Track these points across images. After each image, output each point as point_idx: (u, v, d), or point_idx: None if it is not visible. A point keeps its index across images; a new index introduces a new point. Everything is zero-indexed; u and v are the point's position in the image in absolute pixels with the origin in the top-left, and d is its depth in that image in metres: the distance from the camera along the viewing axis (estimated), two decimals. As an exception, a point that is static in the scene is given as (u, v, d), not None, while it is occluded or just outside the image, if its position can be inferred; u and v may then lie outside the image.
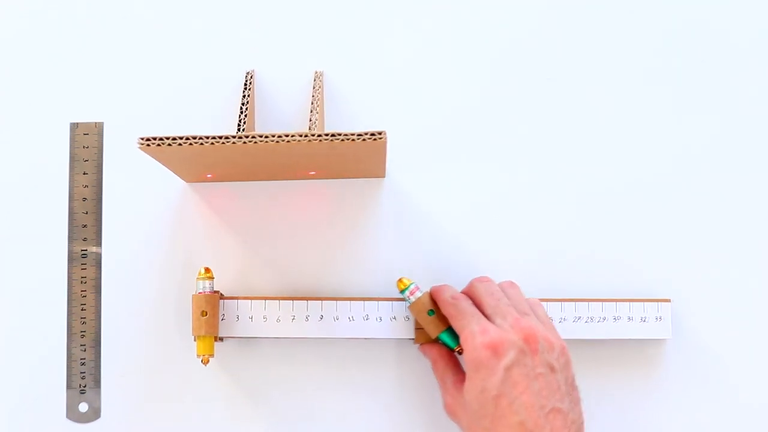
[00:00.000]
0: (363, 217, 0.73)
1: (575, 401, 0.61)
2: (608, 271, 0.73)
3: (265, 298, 0.69)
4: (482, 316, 0.64)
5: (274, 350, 0.72)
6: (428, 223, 0.73)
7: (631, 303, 0.70)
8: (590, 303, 0.70)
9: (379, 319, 0.69)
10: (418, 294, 0.67)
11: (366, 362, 0.72)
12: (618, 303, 0.70)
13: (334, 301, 0.69)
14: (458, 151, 0.74)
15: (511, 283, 0.68)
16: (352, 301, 0.69)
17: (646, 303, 0.70)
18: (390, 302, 0.69)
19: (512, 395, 0.59)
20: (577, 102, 0.74)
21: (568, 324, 0.70)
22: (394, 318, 0.69)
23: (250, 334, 0.69)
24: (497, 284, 0.67)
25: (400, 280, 0.68)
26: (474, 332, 0.62)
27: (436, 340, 0.68)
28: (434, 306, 0.67)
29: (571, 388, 0.62)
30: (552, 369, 0.61)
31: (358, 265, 0.72)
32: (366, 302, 0.69)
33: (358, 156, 0.63)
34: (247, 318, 0.69)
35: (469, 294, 0.67)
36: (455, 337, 0.66)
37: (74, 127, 0.74)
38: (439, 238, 0.73)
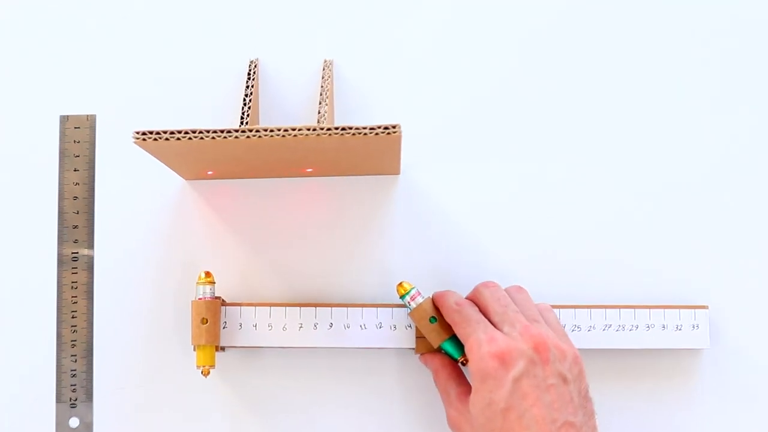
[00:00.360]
0: (376, 218, 0.73)
1: (589, 414, 0.61)
2: (640, 276, 0.72)
3: (270, 305, 0.69)
4: (489, 324, 0.64)
5: (280, 361, 0.71)
6: (446, 224, 0.73)
7: (665, 310, 0.69)
8: (621, 310, 0.69)
9: (393, 327, 0.69)
10: (420, 300, 0.67)
11: (369, 373, 0.72)
12: (651, 310, 0.69)
13: (345, 308, 0.69)
14: (479, 146, 0.74)
15: (519, 288, 0.68)
16: (364, 308, 0.69)
17: (681, 310, 0.69)
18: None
19: (522, 408, 0.58)
20: (608, 95, 0.74)
21: (597, 333, 0.69)
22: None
23: (254, 344, 0.69)
24: (504, 289, 0.67)
25: (400, 285, 0.67)
26: (480, 341, 0.62)
27: (439, 350, 0.67)
28: (437, 313, 0.67)
29: (585, 400, 0.61)
30: (564, 380, 0.60)
31: (370, 269, 0.72)
32: (379, 309, 0.69)
33: (370, 151, 0.63)
34: (251, 326, 0.69)
35: (475, 300, 0.66)
36: (459, 346, 0.66)
37: (64, 120, 0.74)
38: (458, 240, 0.72)
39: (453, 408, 0.65)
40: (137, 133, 0.56)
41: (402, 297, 0.67)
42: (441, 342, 0.66)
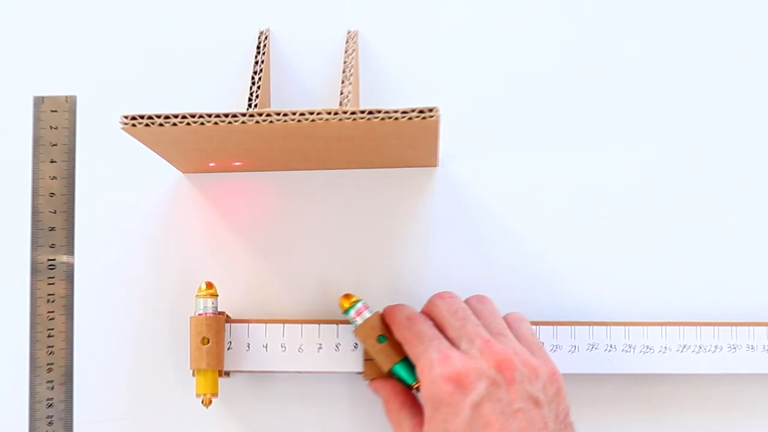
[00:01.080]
0: (409, 218, 0.71)
1: None
2: (721, 290, 0.69)
3: (284, 322, 0.67)
4: (444, 341, 0.61)
5: (295, 388, 0.70)
6: (490, 225, 0.70)
7: (752, 327, 0.66)
8: (699, 328, 0.66)
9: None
10: (367, 315, 0.64)
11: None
12: (735, 327, 0.66)
13: (371, 326, 0.69)
14: (531, 135, 0.72)
15: (481, 298, 0.65)
16: (393, 325, 0.69)
17: (775, 328, 0.68)
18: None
19: None
20: (688, 76, 0.71)
21: (672, 354, 0.65)
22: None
23: (265, 368, 0.67)
24: (463, 300, 0.64)
25: (345, 296, 0.65)
26: (432, 361, 0.59)
27: (390, 374, 0.65)
28: (386, 330, 0.64)
29: (563, 425, 0.59)
30: (536, 402, 0.57)
31: (402, 278, 0.70)
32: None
33: (402, 140, 0.61)
34: (261, 347, 0.66)
35: (429, 314, 0.64)
36: (413, 369, 0.63)
37: (39, 102, 0.72)
38: (503, 244, 0.70)
39: None
40: (126, 117, 0.55)
41: (345, 311, 0.65)
42: (392, 365, 0.63)
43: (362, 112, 0.54)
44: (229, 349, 0.66)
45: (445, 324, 0.62)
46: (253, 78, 0.67)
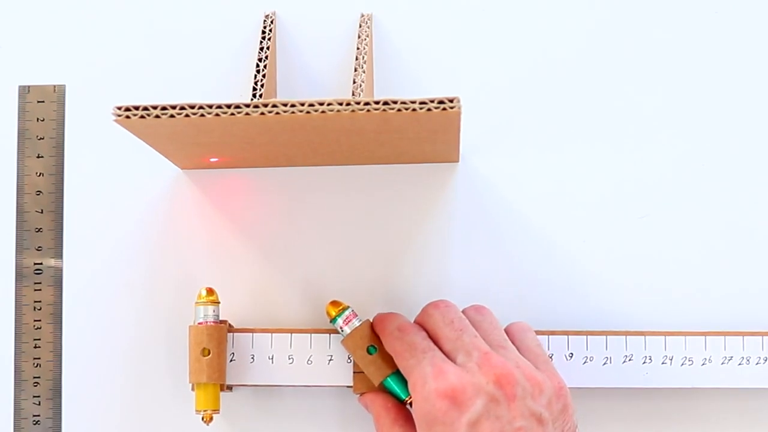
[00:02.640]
0: (427, 218, 0.70)
1: None
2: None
3: (291, 331, 0.66)
4: (439, 353, 0.60)
5: (304, 403, 0.69)
6: (515, 226, 0.69)
7: None
8: (745, 338, 0.64)
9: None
10: (356, 323, 0.63)
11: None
12: None
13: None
14: (560, 127, 0.70)
15: (479, 308, 0.64)
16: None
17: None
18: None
19: None
20: (734, 62, 0.69)
21: (714, 367, 0.63)
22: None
23: (271, 381, 0.66)
24: (461, 310, 0.63)
25: (331, 304, 0.65)
26: (426, 375, 0.58)
27: (381, 388, 0.63)
28: (376, 341, 0.63)
29: None
30: (539, 420, 0.56)
31: (420, 282, 0.69)
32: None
33: (420, 133, 0.61)
34: (266, 358, 0.66)
35: (423, 324, 0.63)
36: (405, 383, 0.62)
37: (24, 91, 0.71)
38: (528, 245, 0.69)
39: None
40: (119, 108, 0.55)
41: (333, 320, 0.64)
42: (382, 378, 0.62)
43: (376, 102, 0.53)
44: (231, 361, 0.65)
45: (439, 335, 0.61)
46: (257, 65, 0.67)
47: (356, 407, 0.68)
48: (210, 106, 0.54)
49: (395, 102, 0.53)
